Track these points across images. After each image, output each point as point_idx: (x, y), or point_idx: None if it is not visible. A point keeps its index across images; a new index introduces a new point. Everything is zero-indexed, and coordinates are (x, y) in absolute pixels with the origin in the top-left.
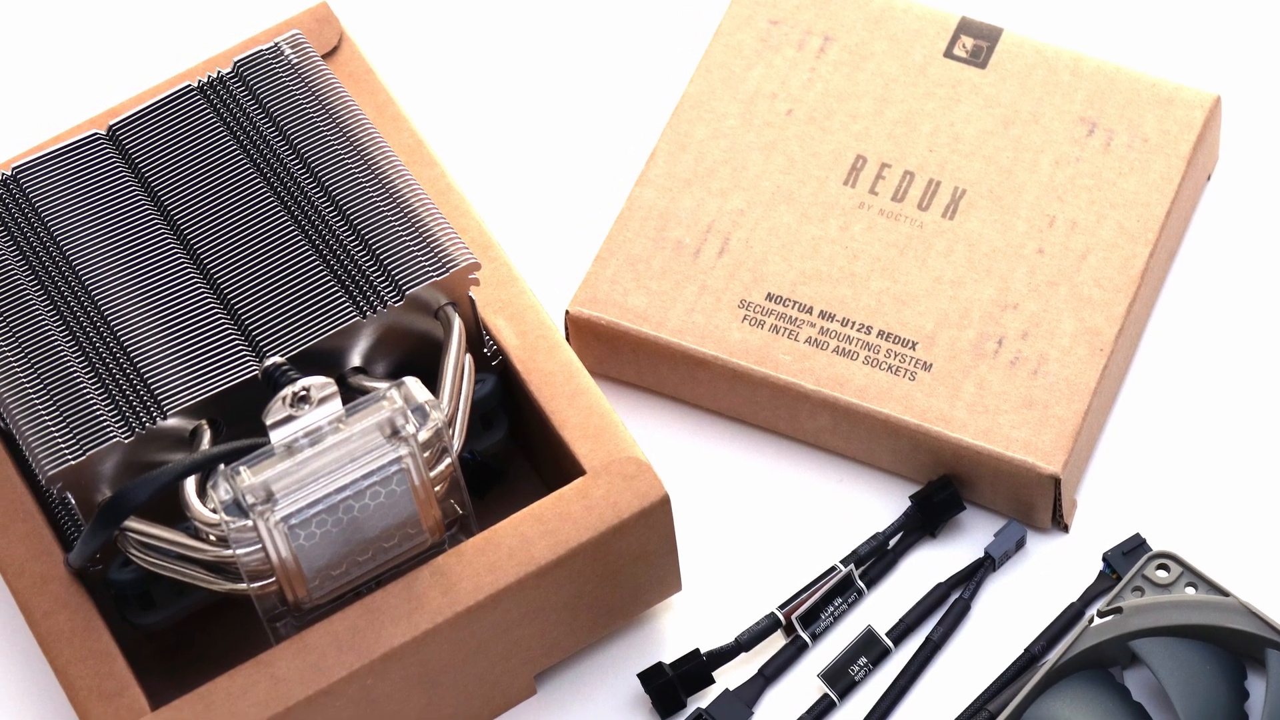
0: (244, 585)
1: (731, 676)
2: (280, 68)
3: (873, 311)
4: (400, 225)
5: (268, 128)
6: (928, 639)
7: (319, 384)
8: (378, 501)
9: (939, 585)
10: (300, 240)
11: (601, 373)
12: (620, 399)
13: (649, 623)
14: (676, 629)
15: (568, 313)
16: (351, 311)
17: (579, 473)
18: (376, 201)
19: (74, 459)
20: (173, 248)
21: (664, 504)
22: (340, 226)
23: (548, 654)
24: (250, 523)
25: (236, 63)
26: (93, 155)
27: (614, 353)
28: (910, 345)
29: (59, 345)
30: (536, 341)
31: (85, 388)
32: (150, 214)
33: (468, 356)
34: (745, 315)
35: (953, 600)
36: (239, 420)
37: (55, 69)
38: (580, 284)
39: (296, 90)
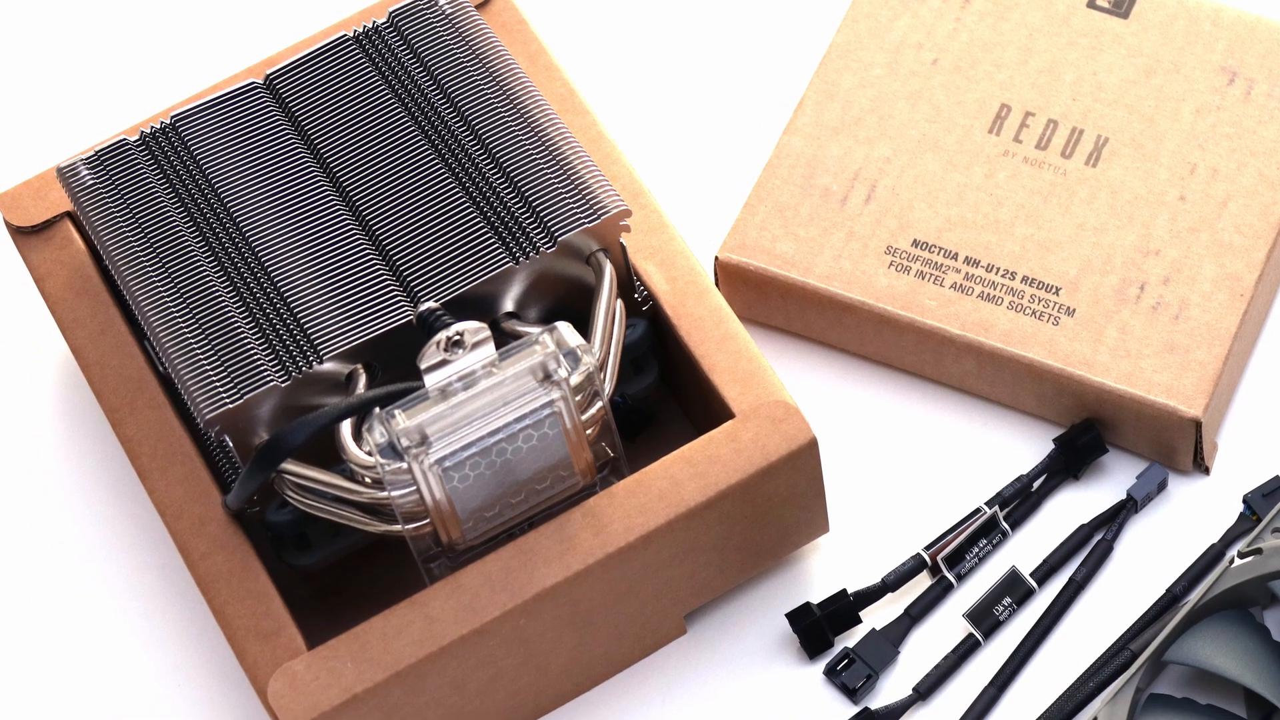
0: (398, 527)
1: (878, 616)
2: (434, 18)
3: (1017, 257)
4: (553, 172)
5: (422, 76)
6: (1071, 580)
7: (473, 329)
8: (530, 444)
9: (1082, 527)
10: (454, 187)
11: (750, 318)
12: (768, 343)
13: (797, 563)
14: (824, 570)
15: (717, 259)
16: (505, 257)
17: (728, 416)
18: (529, 149)
19: (232, 402)
20: (329, 195)
21: (812, 447)
22: (494, 174)
23: (697, 594)
24: (405, 465)
25: (392, 13)
26: (250, 104)
27: (762, 298)
28: (1054, 290)
29: (217, 291)
30: (686, 287)
31: (243, 332)
32: (306, 162)
33: (619, 302)
34: (892, 261)
35: (1095, 541)
36: (394, 364)
37: (215, 19)
38: (729, 230)
39: (450, 40)
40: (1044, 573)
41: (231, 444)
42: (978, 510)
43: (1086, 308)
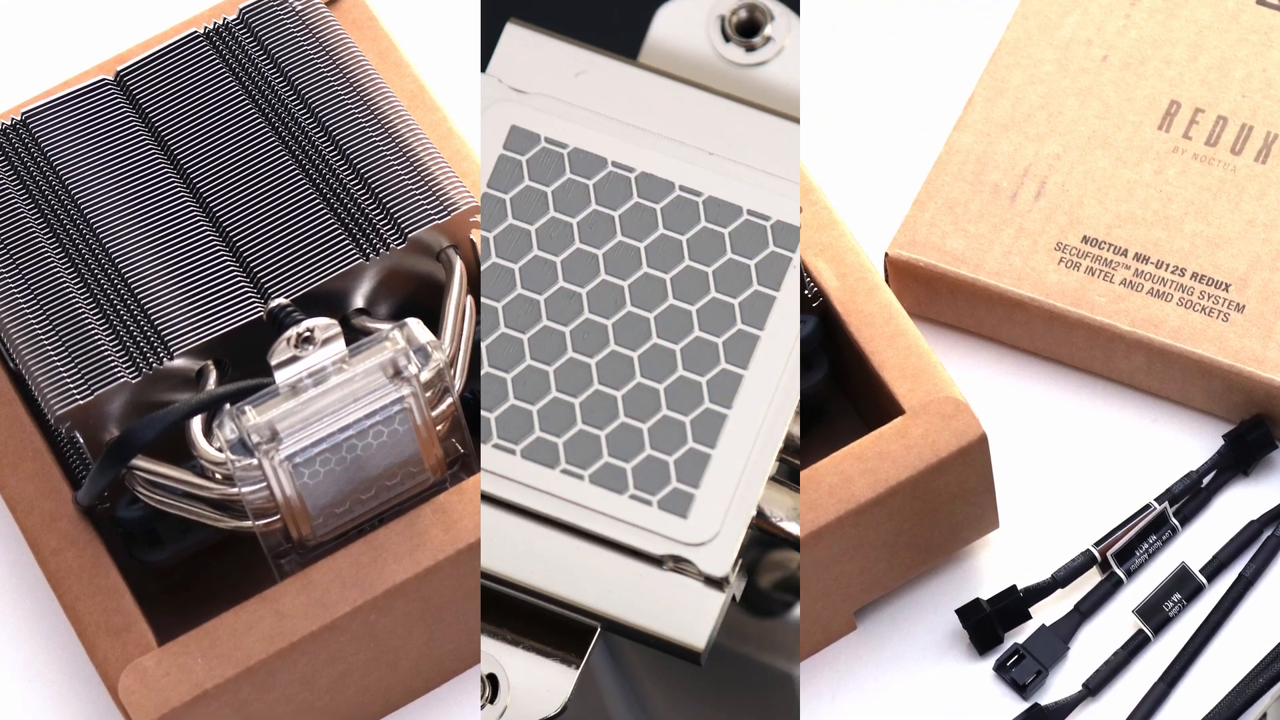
0: (249, 523)
1: (1048, 612)
2: (285, 14)
3: (1186, 254)
4: (403, 169)
5: (272, 73)
6: (1240, 575)
7: (323, 325)
8: (380, 440)
9: (1251, 523)
10: (305, 184)
11: (920, 314)
12: (938, 340)
13: (966, 560)
14: (994, 566)
15: (887, 255)
16: (355, 254)
17: (898, 412)
18: (379, 146)
19: (82, 399)
20: (179, 191)
21: (982, 443)
22: (344, 170)
23: (867, 590)
24: (255, 461)
25: (242, 9)
26: (101, 100)
27: (932, 294)
28: (1223, 287)
29: (68, 287)
30: (856, 283)
31: (93, 329)
32: (157, 158)
33: (469, 298)
34: (1061, 258)
35: (1265, 537)
36: (244, 361)
37: (64, 16)
38: (899, 227)
39: (301, 36)
40: (1214, 569)
41: (82, 440)
42: (1147, 506)
43: (1256, 304)
